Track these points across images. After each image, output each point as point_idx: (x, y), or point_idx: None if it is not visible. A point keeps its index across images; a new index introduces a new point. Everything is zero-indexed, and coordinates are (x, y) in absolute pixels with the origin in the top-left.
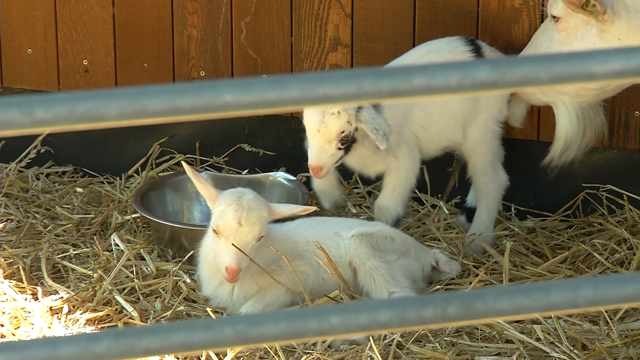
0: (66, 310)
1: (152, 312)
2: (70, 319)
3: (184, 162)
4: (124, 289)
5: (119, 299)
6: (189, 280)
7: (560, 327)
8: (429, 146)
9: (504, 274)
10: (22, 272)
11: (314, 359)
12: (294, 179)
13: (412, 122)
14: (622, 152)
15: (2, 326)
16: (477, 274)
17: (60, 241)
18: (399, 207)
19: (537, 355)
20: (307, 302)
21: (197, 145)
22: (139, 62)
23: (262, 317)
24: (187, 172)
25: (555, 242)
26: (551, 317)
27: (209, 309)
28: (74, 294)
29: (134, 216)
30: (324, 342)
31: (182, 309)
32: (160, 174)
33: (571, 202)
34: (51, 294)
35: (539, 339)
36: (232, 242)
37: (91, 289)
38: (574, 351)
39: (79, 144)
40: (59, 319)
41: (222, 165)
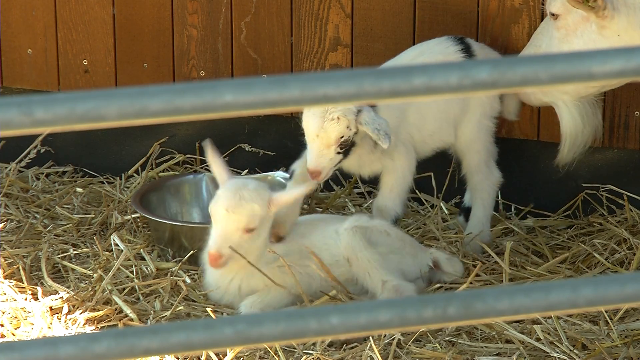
0: (66, 310)
1: (151, 312)
2: (70, 319)
3: (206, 144)
4: (124, 289)
5: (118, 300)
6: (188, 280)
7: (560, 327)
8: (423, 147)
9: (504, 274)
10: (22, 272)
11: (314, 359)
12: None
13: (407, 123)
14: (622, 152)
15: (2, 326)
16: (477, 274)
17: (60, 241)
18: (398, 207)
19: (537, 355)
20: (305, 303)
21: (197, 145)
22: (139, 62)
23: (262, 317)
24: (207, 153)
25: (555, 242)
26: (551, 317)
27: (209, 309)
28: (73, 294)
29: (134, 216)
30: (323, 342)
31: (181, 308)
32: (160, 174)
33: (571, 202)
34: (51, 294)
35: (539, 339)
36: (219, 228)
37: (91, 289)
38: (574, 351)
39: (79, 144)
40: (59, 319)
41: None
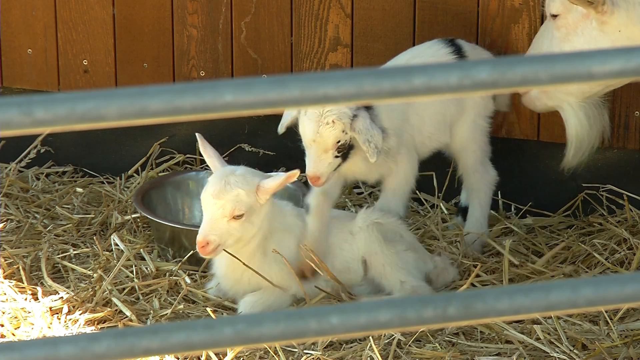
0: (66, 310)
1: (151, 312)
2: (70, 319)
3: (198, 135)
4: (124, 289)
5: (117, 301)
6: (188, 279)
7: (560, 327)
8: (422, 149)
9: (504, 274)
10: (22, 272)
11: (314, 359)
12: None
13: (409, 125)
14: (622, 152)
15: (2, 326)
16: (478, 274)
17: (60, 241)
18: (400, 210)
19: (537, 355)
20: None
21: (197, 145)
22: (139, 62)
23: (262, 317)
24: (199, 143)
25: (555, 242)
26: (551, 317)
27: (209, 309)
28: (73, 294)
29: (134, 216)
30: (323, 342)
31: (181, 307)
32: (160, 174)
33: (571, 202)
34: (51, 294)
35: (539, 339)
36: (206, 215)
37: (91, 289)
38: (574, 351)
39: (79, 144)
40: (59, 319)
41: None
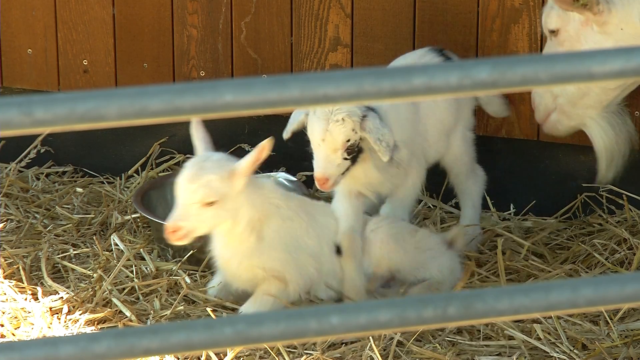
0: (66, 310)
1: (151, 312)
2: (70, 319)
3: (194, 121)
4: (124, 289)
5: (117, 301)
6: (188, 279)
7: (560, 327)
8: (428, 159)
9: (500, 271)
10: (22, 272)
11: (314, 358)
12: (295, 179)
13: (418, 134)
14: None
15: (2, 326)
16: (479, 274)
17: (60, 241)
18: (406, 216)
19: (537, 355)
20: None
21: None
22: (139, 62)
23: (262, 317)
24: (192, 125)
25: (555, 243)
26: (551, 317)
27: (209, 309)
28: (73, 294)
29: (134, 216)
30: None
31: (181, 308)
32: (160, 174)
33: (571, 202)
34: (51, 294)
35: (539, 339)
36: (179, 201)
37: (91, 289)
38: (574, 351)
39: (79, 144)
40: (59, 319)
41: None
